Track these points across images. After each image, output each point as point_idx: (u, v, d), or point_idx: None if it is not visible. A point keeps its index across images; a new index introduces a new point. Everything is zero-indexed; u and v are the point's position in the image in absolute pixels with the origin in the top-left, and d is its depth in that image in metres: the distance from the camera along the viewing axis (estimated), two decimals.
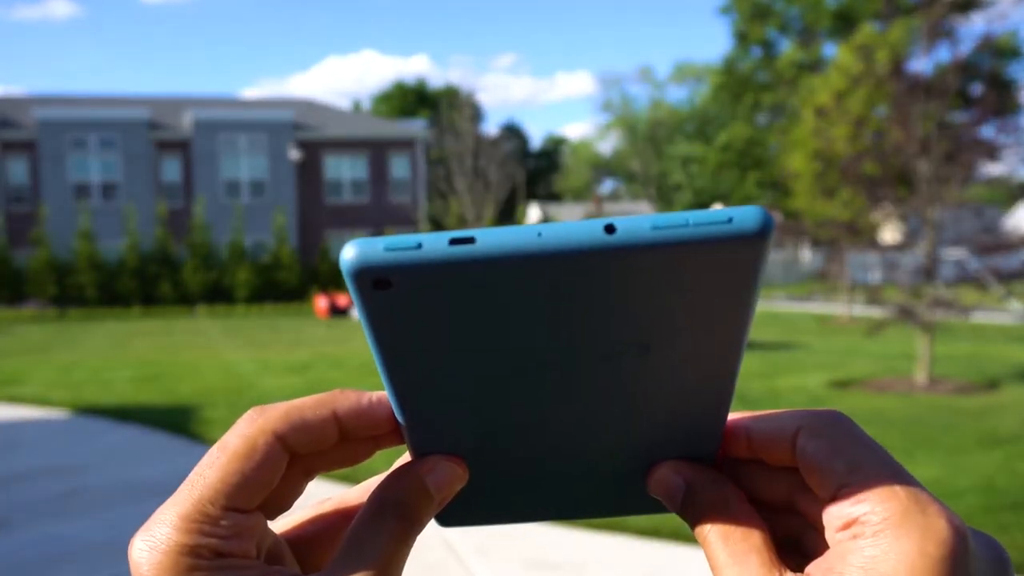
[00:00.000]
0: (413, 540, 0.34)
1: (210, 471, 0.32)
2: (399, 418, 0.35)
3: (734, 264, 0.29)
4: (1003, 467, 5.48)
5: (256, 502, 0.32)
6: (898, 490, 0.30)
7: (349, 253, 0.29)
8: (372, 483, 0.37)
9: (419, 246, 0.28)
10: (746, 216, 0.28)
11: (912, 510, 0.29)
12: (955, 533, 0.28)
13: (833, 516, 0.31)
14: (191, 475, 0.32)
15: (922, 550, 0.28)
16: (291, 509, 0.37)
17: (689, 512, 0.35)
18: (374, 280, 0.29)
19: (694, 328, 0.31)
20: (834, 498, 0.31)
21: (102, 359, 12.87)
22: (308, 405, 0.34)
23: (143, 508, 5.07)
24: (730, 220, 0.28)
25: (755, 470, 0.36)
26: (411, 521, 0.34)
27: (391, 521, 0.33)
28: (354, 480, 5.47)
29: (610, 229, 0.28)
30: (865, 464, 0.31)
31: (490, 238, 0.28)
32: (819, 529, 0.33)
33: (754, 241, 0.28)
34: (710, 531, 0.34)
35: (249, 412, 0.34)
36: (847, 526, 0.30)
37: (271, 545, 0.35)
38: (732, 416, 0.36)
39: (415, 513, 0.34)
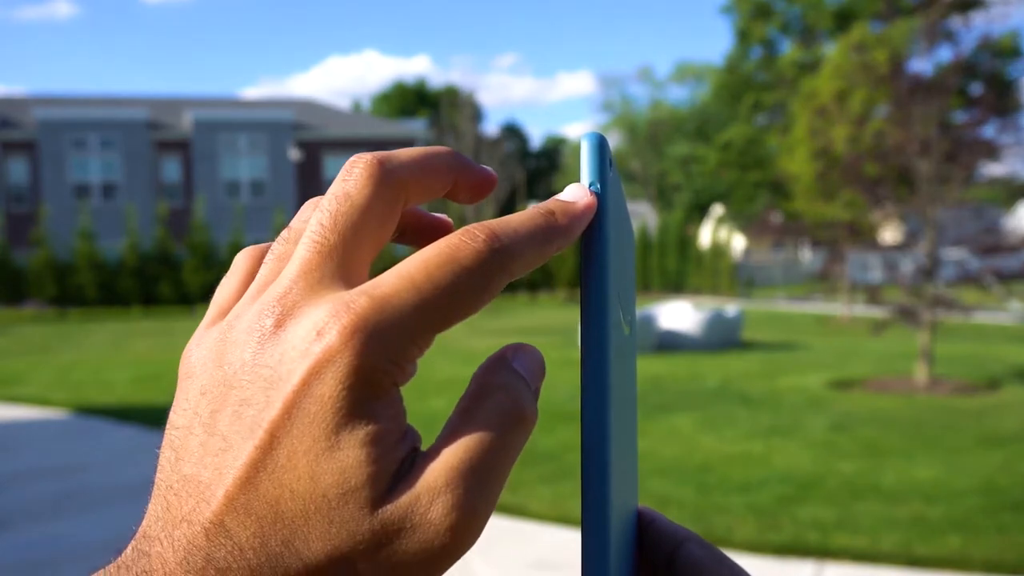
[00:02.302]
0: (525, 428, 0.30)
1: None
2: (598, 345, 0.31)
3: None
4: (1003, 467, 5.48)
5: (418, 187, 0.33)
6: None
7: (591, 136, 0.32)
8: None
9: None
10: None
11: None
12: None
13: None
14: None
15: None
16: None
17: None
18: (610, 158, 0.33)
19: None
20: None
21: (102, 359, 12.87)
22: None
23: (143, 508, 5.06)
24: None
25: None
26: (515, 406, 0.30)
27: (499, 398, 0.30)
28: None
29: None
30: (741, 573, 0.35)
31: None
32: None
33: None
34: None
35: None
36: None
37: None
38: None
39: (516, 396, 0.31)
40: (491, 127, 75.53)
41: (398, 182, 0.30)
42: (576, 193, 0.32)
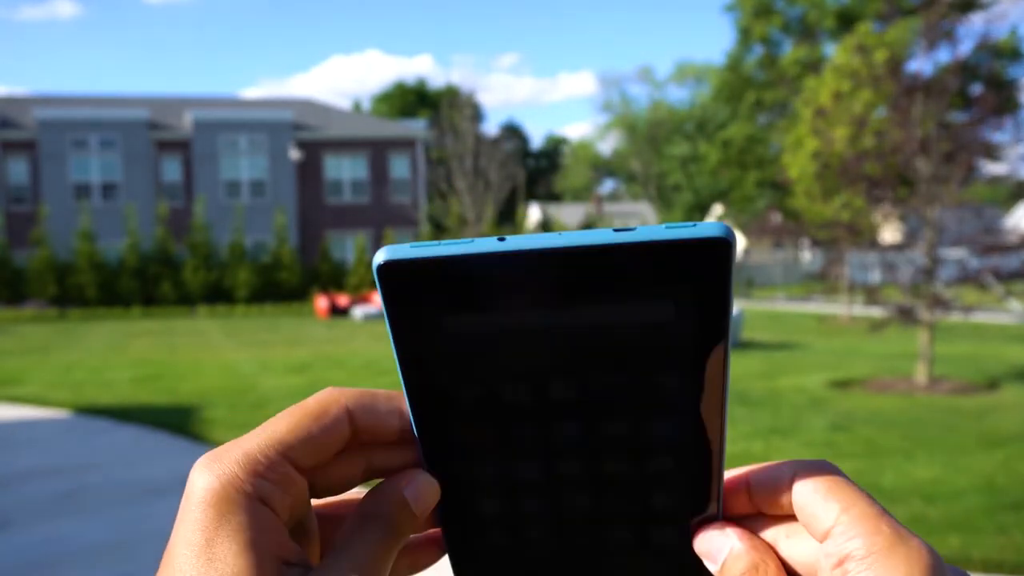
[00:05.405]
0: (394, 549, 0.36)
1: (281, 421, 0.35)
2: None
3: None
4: (1003, 467, 5.48)
5: (310, 462, 0.35)
6: (883, 526, 0.33)
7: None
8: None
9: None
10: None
11: (896, 542, 0.32)
12: (934, 560, 0.32)
13: (827, 554, 0.34)
14: (265, 422, 0.35)
15: (908, 574, 0.31)
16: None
17: (730, 573, 0.36)
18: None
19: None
20: (827, 536, 0.34)
21: (102, 359, 12.87)
22: (380, 394, 0.37)
23: (143, 508, 5.07)
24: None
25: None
26: (392, 531, 0.36)
27: (373, 531, 0.36)
28: None
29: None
30: (854, 505, 0.34)
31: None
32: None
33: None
34: None
35: (328, 388, 0.37)
36: (840, 562, 0.33)
37: (303, 517, 0.37)
38: (729, 473, 0.38)
39: (395, 525, 0.36)
40: (492, 127, 75.49)
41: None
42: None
